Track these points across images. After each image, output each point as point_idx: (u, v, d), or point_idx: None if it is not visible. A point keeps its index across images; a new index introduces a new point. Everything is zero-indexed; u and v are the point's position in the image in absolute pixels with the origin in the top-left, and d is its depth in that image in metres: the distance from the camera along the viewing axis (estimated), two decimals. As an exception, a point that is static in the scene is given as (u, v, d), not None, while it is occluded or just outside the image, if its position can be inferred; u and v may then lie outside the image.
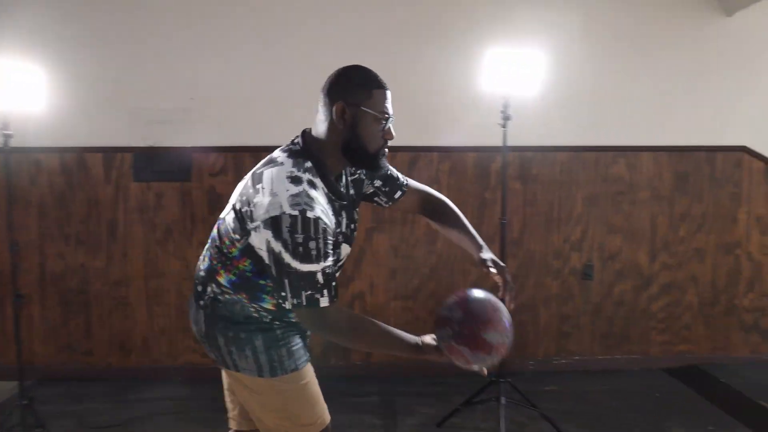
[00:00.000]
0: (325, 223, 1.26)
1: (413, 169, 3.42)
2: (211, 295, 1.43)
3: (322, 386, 1.55)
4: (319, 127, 1.37)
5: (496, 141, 2.81)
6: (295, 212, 1.22)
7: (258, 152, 3.35)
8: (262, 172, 1.33)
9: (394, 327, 1.36)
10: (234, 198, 1.40)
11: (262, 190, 1.28)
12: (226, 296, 1.41)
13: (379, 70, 1.42)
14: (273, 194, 1.25)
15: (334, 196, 1.36)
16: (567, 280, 3.54)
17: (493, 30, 3.17)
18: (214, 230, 1.45)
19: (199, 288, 1.46)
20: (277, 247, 1.23)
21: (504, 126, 2.68)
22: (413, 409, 2.98)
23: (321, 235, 1.23)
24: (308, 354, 1.51)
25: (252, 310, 1.41)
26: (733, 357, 3.57)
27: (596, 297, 3.56)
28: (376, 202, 1.65)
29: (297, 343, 1.46)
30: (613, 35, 3.41)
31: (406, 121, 3.40)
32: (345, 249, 1.45)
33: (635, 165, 3.51)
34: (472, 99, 3.18)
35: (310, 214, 1.22)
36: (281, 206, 1.23)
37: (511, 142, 2.83)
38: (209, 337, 1.44)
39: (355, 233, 1.50)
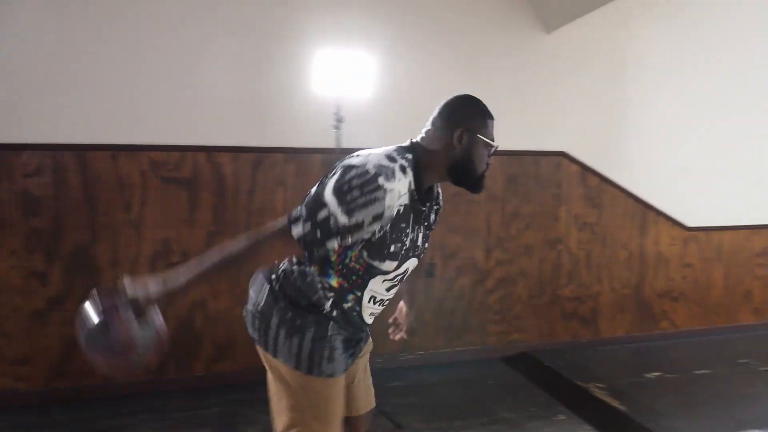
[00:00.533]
0: (385, 197, 1.30)
1: (258, 170, 3.34)
2: (284, 267, 1.49)
3: (159, 401, 1.45)
4: (433, 143, 1.47)
5: (344, 143, 2.83)
6: (372, 172, 1.30)
7: (82, 151, 3.12)
8: (363, 149, 1.44)
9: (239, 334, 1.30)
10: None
11: (357, 156, 1.39)
12: (301, 267, 1.47)
13: (219, 68, 1.36)
14: (365, 157, 1.36)
15: (417, 196, 1.43)
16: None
17: (327, 31, 3.20)
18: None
19: (276, 260, 1.52)
20: (334, 178, 1.32)
21: (337, 128, 2.71)
22: (255, 419, 2.89)
23: (370, 201, 1.29)
24: (347, 365, 1.54)
25: (320, 286, 1.45)
26: (557, 342, 3.96)
27: (439, 293, 3.75)
28: None
29: (340, 350, 1.49)
30: (446, 47, 3.60)
31: (250, 121, 3.37)
32: (412, 263, 1.53)
33: (472, 168, 3.74)
34: (314, 100, 3.18)
35: (381, 181, 1.30)
36: (366, 164, 1.32)
37: (351, 145, 2.86)
38: (263, 314, 1.47)
39: (423, 253, 1.58)
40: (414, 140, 1.50)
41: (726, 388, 3.39)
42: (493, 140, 1.49)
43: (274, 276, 1.50)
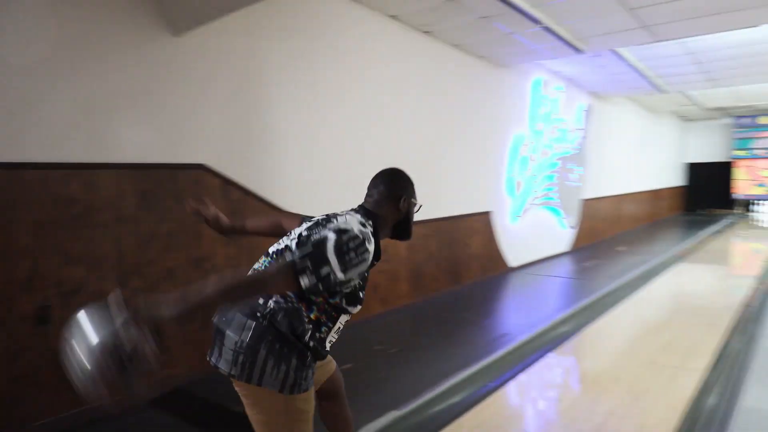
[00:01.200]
0: (369, 257, 1.71)
1: None
2: (272, 306, 1.71)
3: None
4: (383, 210, 1.94)
5: None
6: (360, 237, 1.69)
7: None
8: (335, 214, 1.89)
9: None
10: (298, 231, 1.85)
11: (336, 220, 1.80)
12: (289, 305, 1.71)
13: None
14: (347, 221, 1.76)
15: (375, 254, 1.79)
16: (16, 330, 2.83)
17: None
18: (270, 253, 1.86)
19: (261, 300, 1.72)
20: (332, 239, 1.65)
21: None
22: None
23: (361, 261, 1.67)
24: (312, 381, 1.80)
25: (306, 320, 1.72)
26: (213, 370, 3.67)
27: (56, 342, 2.98)
28: None
29: (312, 370, 1.78)
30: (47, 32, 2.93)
31: None
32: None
33: (93, 184, 3.12)
34: None
35: (367, 244, 1.71)
36: (353, 228, 1.71)
37: None
38: (250, 348, 1.67)
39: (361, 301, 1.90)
40: (365, 207, 1.92)
41: (368, 377, 3.71)
42: (417, 200, 2.00)
43: (259, 314, 1.69)
